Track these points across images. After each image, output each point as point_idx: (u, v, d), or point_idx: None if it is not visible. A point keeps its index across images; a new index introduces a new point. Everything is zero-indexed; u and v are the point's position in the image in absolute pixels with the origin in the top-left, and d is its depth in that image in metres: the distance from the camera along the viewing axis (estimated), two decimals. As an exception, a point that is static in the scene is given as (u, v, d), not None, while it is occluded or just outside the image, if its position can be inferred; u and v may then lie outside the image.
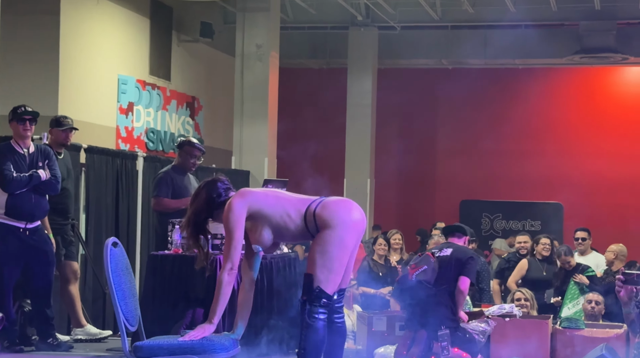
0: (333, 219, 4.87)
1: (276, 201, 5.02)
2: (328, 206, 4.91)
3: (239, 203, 4.95)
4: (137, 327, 4.86)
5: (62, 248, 8.21)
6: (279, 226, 4.96)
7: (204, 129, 15.12)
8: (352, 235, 4.91)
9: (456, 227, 8.00)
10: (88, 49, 11.93)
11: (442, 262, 7.58)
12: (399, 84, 17.60)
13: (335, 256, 4.85)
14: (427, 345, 7.43)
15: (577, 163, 17.07)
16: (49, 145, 8.21)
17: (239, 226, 4.92)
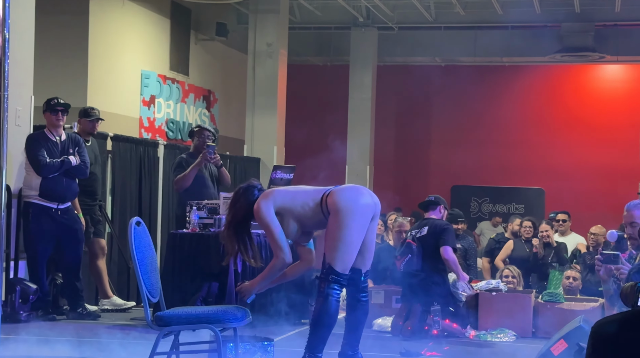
0: (337, 204, 4.85)
1: (295, 194, 5.00)
2: (336, 193, 4.90)
3: (264, 202, 4.94)
4: (158, 298, 4.87)
5: (90, 226, 8.23)
6: (300, 216, 4.94)
7: (219, 119, 15.11)
8: (357, 217, 4.85)
9: (429, 202, 7.94)
10: (114, 46, 11.91)
11: (422, 242, 7.60)
12: (397, 79, 17.57)
13: (339, 238, 4.83)
14: (421, 317, 7.45)
15: (558, 152, 17.04)
16: (78, 133, 8.22)
17: (272, 220, 4.91)
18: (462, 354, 6.80)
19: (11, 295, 7.29)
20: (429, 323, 7.47)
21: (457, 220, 9.97)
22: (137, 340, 6.33)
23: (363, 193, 4.97)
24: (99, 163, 8.55)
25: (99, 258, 8.34)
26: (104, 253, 8.48)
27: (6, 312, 7.16)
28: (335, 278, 4.82)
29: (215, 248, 7.14)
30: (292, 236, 4.99)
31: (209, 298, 7.15)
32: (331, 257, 4.83)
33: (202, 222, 7.42)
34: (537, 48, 16.08)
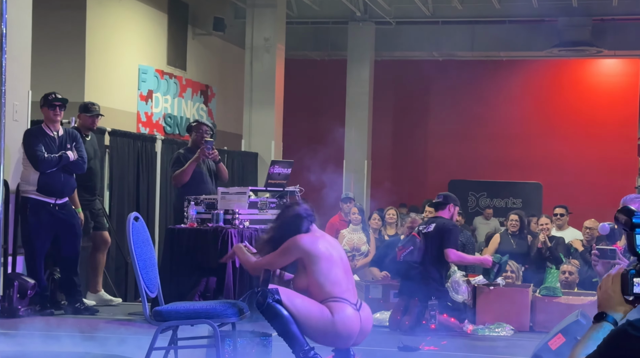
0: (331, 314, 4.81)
1: (326, 271, 4.88)
2: (337, 308, 4.80)
3: (299, 248, 4.90)
4: (157, 293, 4.87)
5: (90, 221, 8.22)
6: (310, 288, 4.86)
7: (217, 114, 15.09)
8: (333, 335, 4.80)
9: (439, 202, 7.91)
10: (111, 41, 11.89)
11: (426, 238, 7.61)
12: (394, 74, 17.56)
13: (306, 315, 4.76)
14: (419, 312, 7.46)
15: (556, 146, 17.05)
16: (78, 128, 8.22)
17: (287, 258, 4.93)
18: (460, 348, 6.80)
19: (9, 290, 7.29)
20: (427, 318, 7.48)
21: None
22: (136, 335, 6.33)
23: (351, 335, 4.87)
24: (98, 157, 8.54)
25: (100, 251, 8.34)
26: (107, 245, 8.47)
27: (4, 307, 7.16)
28: (277, 298, 4.73)
29: (214, 243, 7.14)
30: (299, 284, 4.93)
31: (207, 293, 7.15)
32: (287, 299, 4.75)
33: (200, 217, 7.42)
34: (534, 42, 16.08)
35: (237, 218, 7.17)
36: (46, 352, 5.65)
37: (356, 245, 10.11)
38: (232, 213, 7.26)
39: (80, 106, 8.37)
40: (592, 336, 2.40)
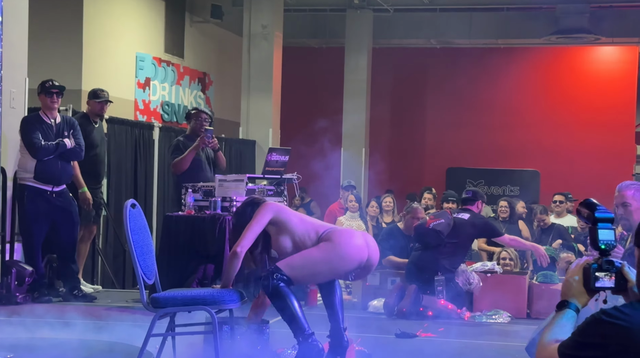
0: (329, 239, 4.85)
1: (301, 221, 5.00)
2: (332, 233, 4.89)
3: (268, 209, 4.95)
4: (154, 280, 4.87)
5: (92, 209, 8.22)
6: (299, 241, 4.90)
7: (214, 102, 15.07)
8: (339, 258, 4.83)
9: (468, 198, 8.08)
10: (109, 29, 11.86)
11: (458, 222, 7.70)
12: (392, 62, 17.52)
13: (307, 265, 4.80)
14: (416, 297, 7.47)
15: (553, 133, 17.03)
16: (87, 114, 8.24)
17: (260, 223, 4.90)
18: (457, 335, 6.81)
19: (7, 277, 7.29)
20: (425, 305, 7.50)
21: (448, 199, 10.00)
22: (134, 322, 6.33)
23: (354, 237, 4.93)
24: (104, 145, 8.55)
25: (83, 241, 8.32)
26: (91, 238, 8.48)
27: (2, 294, 7.17)
28: (280, 277, 4.76)
29: (211, 230, 7.14)
30: (280, 251, 4.95)
31: (205, 280, 7.16)
32: (286, 266, 4.79)
33: (198, 204, 7.42)
34: (532, 30, 16.05)
35: (235, 206, 7.17)
36: (44, 339, 5.66)
37: (354, 233, 10.10)
38: (229, 201, 7.27)
39: (89, 93, 8.40)
40: (557, 322, 2.58)
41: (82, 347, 5.53)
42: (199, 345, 5.16)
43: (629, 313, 2.38)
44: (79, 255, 8.19)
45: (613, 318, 2.38)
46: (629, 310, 2.40)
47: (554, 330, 2.57)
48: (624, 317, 2.37)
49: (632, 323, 2.35)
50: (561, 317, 2.61)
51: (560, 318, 2.60)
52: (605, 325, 2.38)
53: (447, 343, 6.45)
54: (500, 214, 10.01)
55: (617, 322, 2.37)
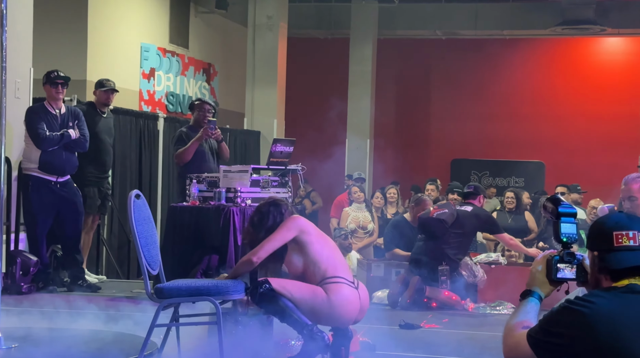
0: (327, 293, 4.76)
1: (321, 249, 4.87)
2: (333, 287, 4.75)
3: (294, 226, 4.87)
4: (158, 270, 4.87)
5: (97, 199, 8.22)
6: (310, 268, 4.82)
7: (219, 93, 15.06)
8: (327, 316, 4.76)
9: (470, 192, 8.11)
10: (113, 19, 11.85)
11: (461, 214, 7.70)
12: (397, 53, 17.50)
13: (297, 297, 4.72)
14: (419, 288, 7.48)
15: (558, 124, 17.01)
16: (94, 104, 8.24)
17: (282, 239, 4.84)
18: (461, 326, 6.82)
19: (12, 267, 7.31)
20: (429, 296, 7.50)
21: (453, 190, 10.00)
22: (138, 312, 6.35)
23: (352, 303, 4.80)
24: (112, 135, 8.54)
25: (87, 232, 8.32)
26: (93, 228, 8.48)
27: (7, 284, 7.18)
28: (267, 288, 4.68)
29: (216, 221, 7.14)
30: (293, 269, 4.89)
31: (209, 271, 7.16)
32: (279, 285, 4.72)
33: (202, 195, 7.41)
34: (538, 21, 16.00)
35: (239, 196, 7.16)
36: (49, 329, 5.67)
37: (362, 223, 10.12)
38: (234, 191, 7.26)
39: (95, 83, 8.40)
40: (521, 310, 2.80)
41: (86, 337, 5.55)
42: (203, 336, 5.17)
43: (592, 301, 2.55)
44: (83, 245, 8.20)
45: (575, 305, 2.56)
46: (592, 297, 2.58)
47: (518, 316, 2.77)
48: (585, 304, 2.55)
49: (592, 310, 2.52)
50: (525, 305, 2.80)
51: (525, 306, 2.80)
52: (568, 311, 2.56)
53: (451, 334, 6.45)
54: (507, 205, 10.04)
55: (579, 309, 2.54)
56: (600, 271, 2.68)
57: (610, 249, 2.64)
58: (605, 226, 2.68)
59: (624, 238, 2.63)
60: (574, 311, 2.55)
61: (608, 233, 2.65)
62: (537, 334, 2.61)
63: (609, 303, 2.54)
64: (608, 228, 2.66)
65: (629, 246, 2.62)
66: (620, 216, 2.72)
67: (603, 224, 2.70)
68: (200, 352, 5.06)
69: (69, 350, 5.06)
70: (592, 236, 2.72)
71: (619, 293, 2.58)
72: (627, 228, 2.64)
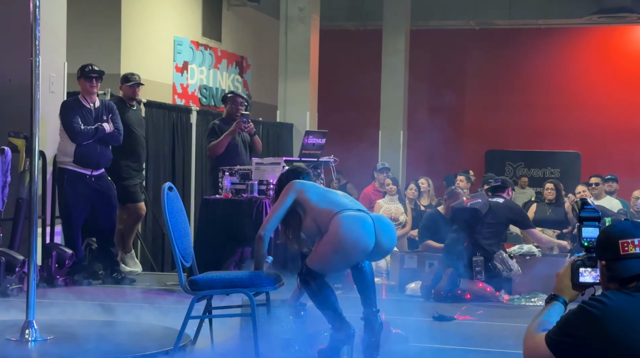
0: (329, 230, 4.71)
1: (320, 200, 4.82)
2: (333, 221, 4.68)
3: (289, 191, 4.84)
4: (191, 263, 4.90)
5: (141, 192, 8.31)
6: (319, 222, 4.75)
7: (252, 85, 15.09)
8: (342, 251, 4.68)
9: (498, 186, 8.09)
10: (147, 12, 11.91)
11: (493, 205, 7.69)
12: (430, 44, 17.41)
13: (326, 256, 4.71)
14: (453, 280, 7.44)
15: (594, 114, 16.82)
16: (122, 99, 8.30)
17: (282, 207, 4.81)
18: (496, 318, 6.78)
19: (48, 260, 7.39)
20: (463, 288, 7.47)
21: (488, 181, 9.96)
22: (171, 304, 6.39)
23: (354, 227, 4.71)
24: (143, 127, 8.61)
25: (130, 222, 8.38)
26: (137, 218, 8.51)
27: (43, 277, 7.26)
28: (307, 271, 4.72)
29: (248, 213, 7.16)
30: (308, 232, 4.86)
31: (242, 263, 7.19)
32: (311, 262, 4.72)
33: (235, 187, 7.44)
34: (573, 10, 15.83)
35: (272, 189, 7.18)
36: (83, 321, 5.72)
37: (394, 215, 10.09)
38: (266, 184, 7.28)
39: (121, 78, 8.45)
40: (545, 313, 2.84)
41: (120, 329, 5.60)
42: (235, 328, 5.19)
43: (604, 302, 2.59)
44: (128, 235, 8.26)
45: (588, 305, 2.60)
46: (603, 298, 2.61)
47: (540, 319, 2.81)
48: (596, 305, 2.58)
49: (603, 310, 2.56)
50: (548, 309, 2.85)
51: (547, 310, 2.85)
52: (581, 312, 2.61)
53: (486, 326, 6.43)
54: (547, 196, 9.97)
55: (590, 309, 2.58)
56: (610, 281, 2.70)
57: (617, 258, 2.66)
58: (611, 234, 2.70)
59: (630, 246, 2.64)
60: (586, 311, 2.59)
61: (614, 241, 2.67)
62: (554, 335, 2.66)
63: (619, 302, 2.58)
64: (614, 236, 2.68)
65: (636, 253, 2.64)
66: (625, 223, 2.73)
67: (609, 233, 2.72)
68: (233, 344, 5.08)
69: (104, 342, 5.11)
70: (599, 246, 2.74)
71: (630, 292, 2.61)
72: (633, 236, 2.66)
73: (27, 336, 5.02)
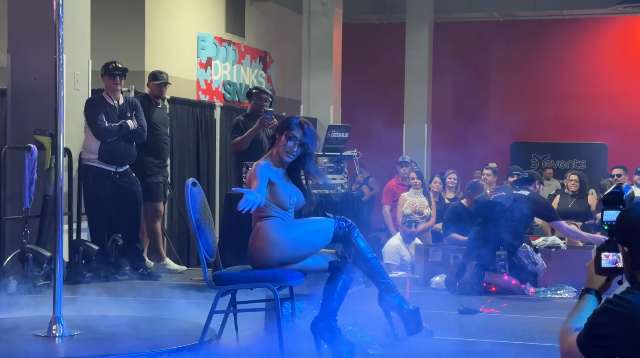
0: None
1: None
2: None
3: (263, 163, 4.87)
4: (215, 258, 4.92)
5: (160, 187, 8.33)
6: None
7: (275, 80, 15.12)
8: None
9: (525, 178, 8.07)
10: (170, 10, 11.96)
11: (518, 197, 7.66)
12: (454, 36, 17.33)
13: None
14: (477, 273, 7.42)
15: (621, 105, 16.67)
16: (148, 96, 8.35)
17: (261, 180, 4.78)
18: (522, 311, 6.76)
19: (75, 256, 7.45)
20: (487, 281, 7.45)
21: (513, 173, 9.94)
22: (196, 299, 6.42)
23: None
24: (167, 125, 8.66)
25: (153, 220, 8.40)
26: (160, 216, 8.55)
27: (70, 273, 7.32)
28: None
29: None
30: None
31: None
32: None
33: (259, 183, 7.44)
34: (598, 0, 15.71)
35: (294, 183, 7.18)
36: (109, 316, 5.77)
37: (418, 209, 10.09)
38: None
39: (149, 75, 8.51)
40: (580, 307, 2.72)
41: (146, 324, 5.63)
42: (260, 322, 5.21)
43: (629, 300, 2.50)
44: (154, 233, 8.29)
45: (614, 305, 2.51)
46: (630, 296, 2.52)
47: (572, 318, 2.71)
48: (622, 303, 2.50)
49: (630, 310, 2.48)
50: (579, 304, 2.74)
51: (579, 305, 2.74)
52: (607, 312, 2.52)
53: (511, 319, 6.40)
54: (570, 188, 9.92)
55: (616, 309, 2.49)
56: (634, 268, 2.59)
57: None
58: (630, 219, 2.57)
59: None
60: (612, 311, 2.51)
61: (635, 226, 2.55)
62: (584, 338, 2.58)
63: None
64: (634, 221, 2.56)
65: None
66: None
67: (628, 217, 2.59)
68: (258, 338, 5.10)
69: (129, 337, 5.15)
70: (620, 231, 2.62)
71: None
72: None
73: (55, 332, 5.06)
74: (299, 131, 4.88)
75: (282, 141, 4.88)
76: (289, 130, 4.89)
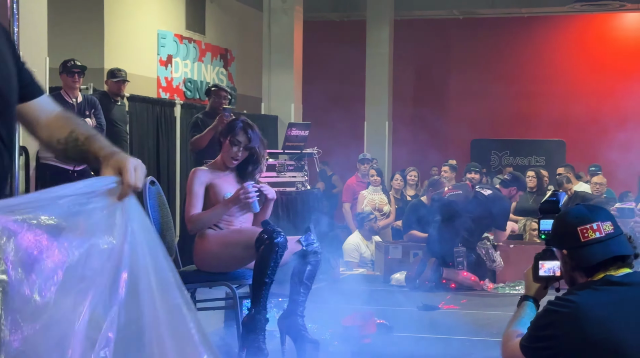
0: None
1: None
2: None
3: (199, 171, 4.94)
4: (174, 256, 4.90)
5: None
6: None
7: (236, 78, 15.07)
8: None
9: (504, 180, 8.12)
10: (130, 6, 11.87)
11: (479, 196, 7.67)
12: (414, 34, 17.41)
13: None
14: (437, 269, 7.47)
15: (579, 102, 16.87)
16: (107, 93, 8.28)
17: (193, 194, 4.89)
18: (480, 307, 6.81)
19: (32, 256, 7.35)
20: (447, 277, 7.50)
21: (471, 169, 9.99)
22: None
23: None
24: (126, 122, 8.59)
25: None
26: None
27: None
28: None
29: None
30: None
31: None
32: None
33: (219, 181, 7.42)
34: (556, -2, 15.88)
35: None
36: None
37: (378, 206, 10.11)
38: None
39: (107, 72, 8.43)
40: (520, 313, 2.80)
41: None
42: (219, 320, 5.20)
43: (573, 300, 2.53)
44: None
45: (556, 306, 2.54)
46: (573, 297, 2.55)
47: (513, 324, 2.75)
48: (566, 304, 2.52)
49: (574, 308, 2.50)
50: (519, 311, 2.81)
51: (518, 312, 2.81)
52: (551, 314, 2.55)
53: (470, 315, 6.45)
54: (528, 184, 9.99)
55: (560, 310, 2.52)
56: (574, 270, 2.63)
57: (579, 246, 2.57)
58: (567, 222, 2.62)
59: (589, 232, 2.56)
60: (556, 312, 2.53)
61: (572, 229, 2.58)
62: (527, 342, 2.60)
63: (589, 299, 2.51)
64: (571, 224, 2.60)
65: (596, 238, 2.55)
66: (579, 209, 2.64)
67: (565, 221, 2.63)
68: (218, 336, 5.09)
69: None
70: (557, 235, 2.66)
71: (597, 287, 2.54)
72: (590, 221, 2.57)
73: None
74: (243, 135, 4.86)
75: (227, 146, 4.87)
76: (232, 135, 4.87)
